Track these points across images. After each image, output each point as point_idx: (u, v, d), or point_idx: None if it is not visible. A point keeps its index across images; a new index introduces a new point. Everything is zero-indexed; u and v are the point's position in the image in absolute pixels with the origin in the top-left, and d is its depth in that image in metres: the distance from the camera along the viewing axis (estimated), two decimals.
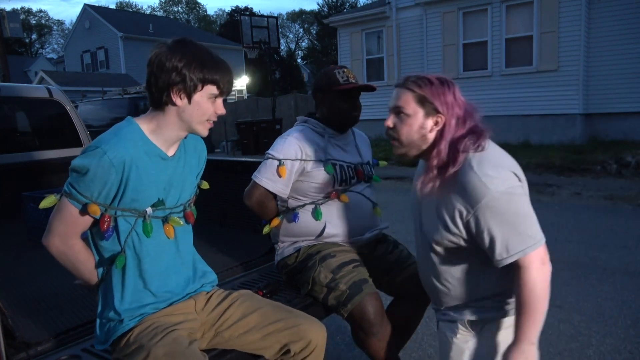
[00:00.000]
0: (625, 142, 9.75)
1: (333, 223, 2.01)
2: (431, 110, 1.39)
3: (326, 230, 2.00)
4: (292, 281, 2.06)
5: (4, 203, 3.41)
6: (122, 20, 30.68)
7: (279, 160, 1.95)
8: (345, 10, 35.47)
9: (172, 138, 1.44)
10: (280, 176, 1.94)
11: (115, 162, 1.31)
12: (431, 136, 1.40)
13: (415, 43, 12.56)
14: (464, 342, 1.54)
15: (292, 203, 2.04)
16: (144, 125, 1.42)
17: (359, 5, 33.65)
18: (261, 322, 1.54)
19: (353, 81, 2.03)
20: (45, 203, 1.38)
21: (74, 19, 33.31)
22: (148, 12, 51.95)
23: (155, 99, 1.39)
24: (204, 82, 1.37)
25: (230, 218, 2.97)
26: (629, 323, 2.99)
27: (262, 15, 17.94)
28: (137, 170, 1.36)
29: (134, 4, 57.33)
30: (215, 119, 1.46)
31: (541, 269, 1.33)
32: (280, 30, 22.83)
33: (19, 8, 50.73)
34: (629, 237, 4.69)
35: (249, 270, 2.34)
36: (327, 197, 2.01)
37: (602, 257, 4.15)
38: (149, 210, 1.42)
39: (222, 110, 1.44)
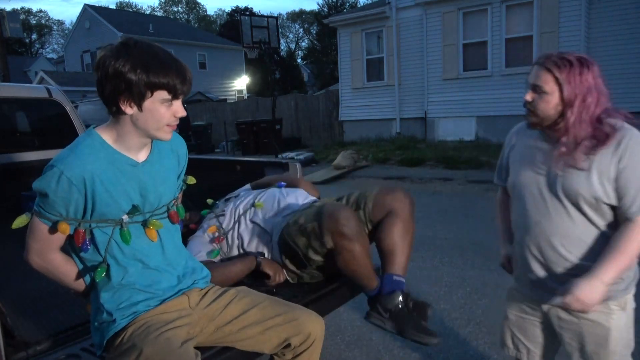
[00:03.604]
0: None
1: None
2: (568, 90, 1.45)
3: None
4: (295, 272, 2.07)
5: (4, 203, 3.40)
6: (122, 20, 30.64)
7: None
8: (345, 10, 35.44)
9: (136, 145, 1.39)
10: None
11: (74, 181, 1.28)
12: (567, 113, 1.47)
13: (415, 43, 12.54)
14: (607, 321, 1.55)
15: None
16: (106, 134, 1.37)
17: (359, 5, 33.62)
18: (261, 317, 1.55)
19: None
20: (16, 223, 1.36)
21: (74, 19, 33.32)
22: (148, 12, 51.95)
23: (107, 108, 1.32)
24: (152, 88, 1.28)
25: None
26: None
27: (262, 15, 17.91)
28: (101, 183, 1.32)
29: (134, 4, 57.34)
30: (176, 123, 1.38)
31: None
32: (280, 30, 22.81)
33: (19, 8, 50.74)
34: None
35: None
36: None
37: None
38: (125, 217, 1.38)
39: (180, 113, 1.35)
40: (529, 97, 1.53)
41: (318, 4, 60.61)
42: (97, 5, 33.44)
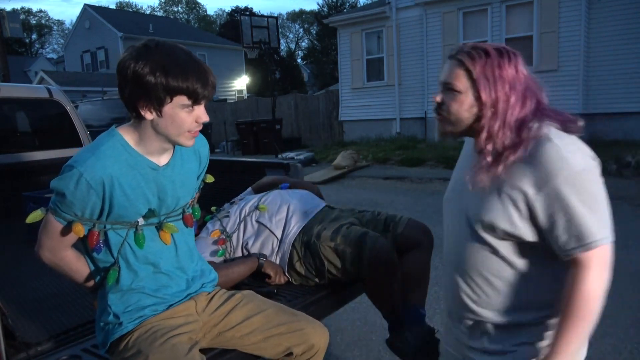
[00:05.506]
0: (625, 142, 9.73)
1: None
2: (485, 86, 1.16)
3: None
4: (306, 276, 2.07)
5: (4, 203, 3.41)
6: (122, 20, 30.66)
7: None
8: (345, 10, 35.42)
9: (157, 149, 1.36)
10: None
11: (93, 184, 1.26)
12: (484, 114, 1.18)
13: (415, 43, 12.54)
14: None
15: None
16: (128, 136, 1.34)
17: (359, 5, 33.61)
18: (265, 324, 1.53)
19: None
20: (31, 218, 1.34)
21: (74, 19, 33.32)
22: (148, 12, 51.96)
23: (128, 112, 1.30)
24: (171, 93, 1.24)
25: None
26: (629, 323, 2.99)
27: (262, 15, 17.93)
28: (120, 187, 1.31)
29: (134, 4, 57.32)
30: (199, 128, 1.33)
31: (602, 273, 1.11)
32: (280, 30, 22.82)
33: (19, 8, 50.71)
34: (629, 237, 4.69)
35: None
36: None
37: None
38: (141, 220, 1.37)
39: (203, 119, 1.31)
40: (438, 98, 1.25)
41: (318, 4, 60.59)
42: (97, 5, 33.48)
